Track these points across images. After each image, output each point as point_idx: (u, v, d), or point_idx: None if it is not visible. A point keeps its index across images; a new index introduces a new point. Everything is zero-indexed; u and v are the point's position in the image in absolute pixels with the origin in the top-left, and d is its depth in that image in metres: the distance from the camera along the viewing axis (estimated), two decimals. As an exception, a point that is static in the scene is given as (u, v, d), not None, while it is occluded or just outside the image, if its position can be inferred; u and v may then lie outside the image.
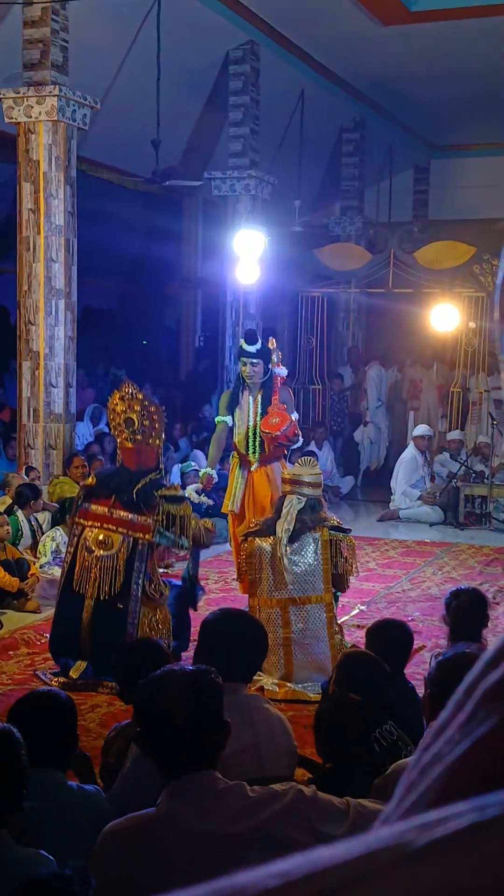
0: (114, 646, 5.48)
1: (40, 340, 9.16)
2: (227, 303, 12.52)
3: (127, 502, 5.67)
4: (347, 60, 12.68)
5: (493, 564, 9.17)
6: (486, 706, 0.39)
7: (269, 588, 5.65)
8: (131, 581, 5.61)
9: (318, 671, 5.56)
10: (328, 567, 5.64)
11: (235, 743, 2.75)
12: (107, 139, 11.56)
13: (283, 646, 5.62)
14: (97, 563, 5.63)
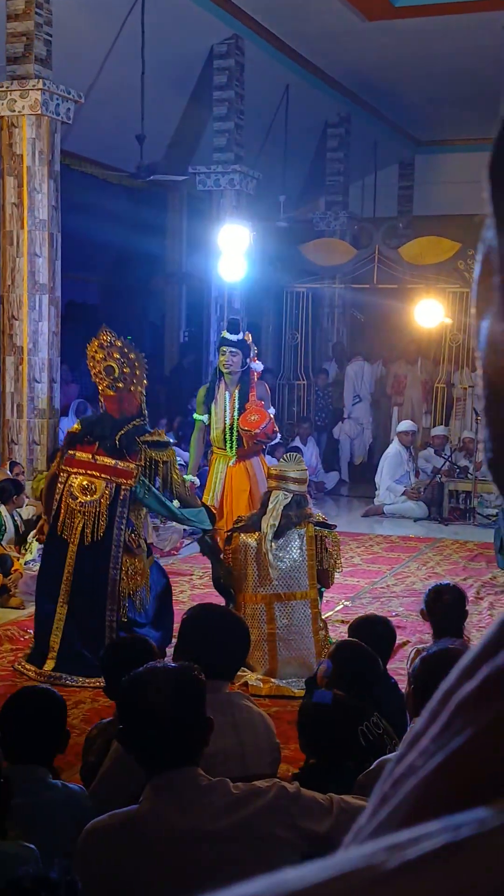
0: (95, 591, 5.58)
1: (24, 335, 9.12)
2: (212, 298, 12.50)
3: (110, 448, 5.68)
4: (332, 55, 12.67)
5: (477, 559, 9.20)
6: (461, 717, 0.38)
7: (253, 584, 5.65)
8: (114, 527, 5.63)
9: (302, 667, 5.57)
10: (313, 563, 5.65)
11: (218, 742, 2.75)
12: (91, 133, 11.52)
13: (268, 641, 5.62)
14: (81, 509, 5.65)
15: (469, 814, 0.34)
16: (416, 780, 0.38)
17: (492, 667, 0.37)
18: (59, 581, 5.66)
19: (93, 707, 5.29)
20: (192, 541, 9.52)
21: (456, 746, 0.37)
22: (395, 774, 0.39)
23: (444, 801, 0.36)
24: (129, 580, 5.69)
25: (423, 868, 0.33)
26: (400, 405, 13.75)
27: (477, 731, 0.37)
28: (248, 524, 5.76)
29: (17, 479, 8.55)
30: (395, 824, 0.37)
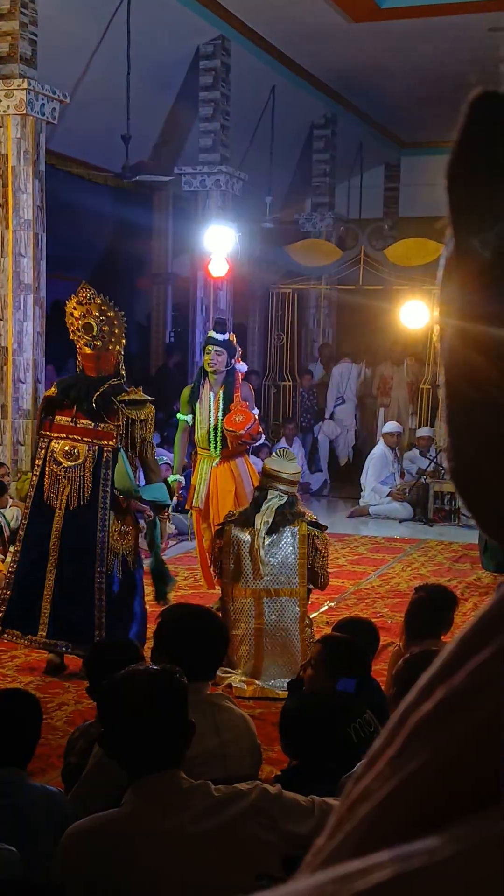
0: (83, 555, 5.55)
1: (8, 336, 9.09)
2: (198, 298, 12.49)
3: (88, 411, 5.63)
4: (318, 57, 12.68)
5: (462, 561, 9.22)
6: (416, 740, 0.37)
7: (244, 578, 5.65)
8: (99, 489, 5.59)
9: (286, 666, 5.57)
10: (304, 561, 5.65)
11: (199, 744, 2.74)
12: (76, 133, 11.49)
13: (255, 636, 5.62)
14: (66, 474, 5.62)
15: (420, 843, 0.33)
16: (370, 806, 0.37)
17: (447, 689, 0.37)
18: (46, 547, 5.62)
19: (76, 709, 5.28)
20: (177, 542, 9.51)
21: (409, 772, 0.36)
22: (351, 796, 0.39)
23: (397, 828, 0.35)
24: (121, 539, 5.68)
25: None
26: (386, 406, 13.77)
27: (430, 757, 0.36)
28: (241, 519, 5.74)
29: (2, 479, 8.52)
30: (348, 851, 0.36)
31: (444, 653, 0.38)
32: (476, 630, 0.38)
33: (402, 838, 0.34)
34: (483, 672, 0.36)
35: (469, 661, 0.36)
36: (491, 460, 0.39)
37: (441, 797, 0.35)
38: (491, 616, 0.38)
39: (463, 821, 0.34)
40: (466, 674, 0.36)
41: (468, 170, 0.39)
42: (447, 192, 0.40)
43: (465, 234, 0.40)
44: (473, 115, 0.39)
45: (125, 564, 5.71)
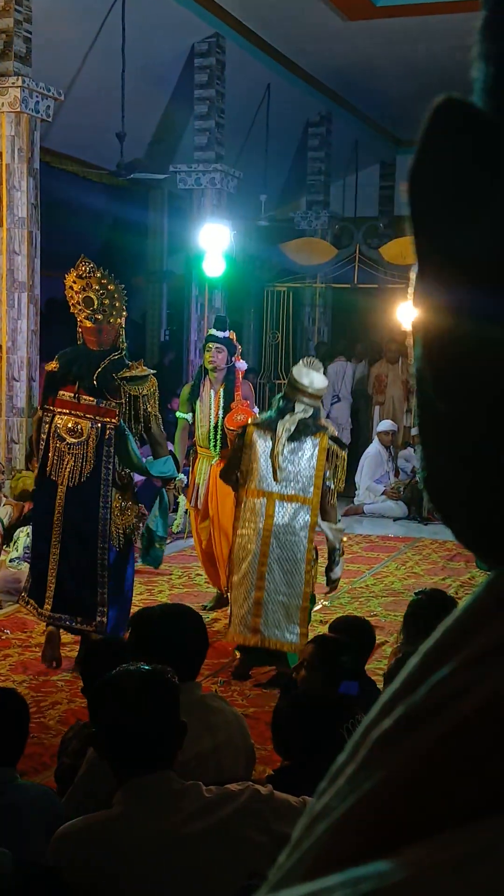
0: (86, 531, 5.61)
1: (2, 334, 9.07)
2: (193, 297, 12.48)
3: (90, 388, 5.65)
4: (313, 55, 12.67)
5: (456, 559, 9.22)
6: (375, 757, 0.36)
7: (258, 479, 5.63)
8: (101, 466, 5.63)
9: (290, 595, 5.55)
10: (321, 474, 5.63)
11: (192, 745, 2.72)
12: (71, 131, 11.46)
13: (263, 537, 5.58)
14: (70, 451, 5.65)
15: (370, 867, 0.32)
16: (326, 825, 0.36)
17: (407, 705, 0.36)
18: (51, 523, 5.68)
19: (69, 707, 5.27)
20: (172, 540, 9.50)
21: (364, 792, 0.35)
22: (313, 812, 0.38)
23: (351, 850, 0.34)
24: (122, 515, 5.72)
25: None
26: (381, 404, 13.77)
27: (385, 777, 0.35)
28: (264, 423, 5.69)
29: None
30: (300, 873, 0.36)
31: (408, 666, 0.38)
32: (438, 644, 0.37)
33: (355, 861, 0.33)
34: (441, 689, 0.35)
35: (430, 676, 0.36)
36: (460, 471, 0.39)
37: (395, 819, 0.34)
38: (453, 630, 0.37)
39: (416, 844, 0.33)
40: (426, 690, 0.36)
41: (434, 177, 0.39)
42: (410, 199, 0.39)
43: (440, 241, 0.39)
44: (436, 124, 0.39)
45: (125, 540, 5.78)
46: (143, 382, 5.74)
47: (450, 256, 0.38)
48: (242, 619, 5.62)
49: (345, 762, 0.38)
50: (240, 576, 5.67)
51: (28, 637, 6.49)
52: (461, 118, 0.38)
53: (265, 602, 5.60)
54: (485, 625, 0.36)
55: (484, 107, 0.39)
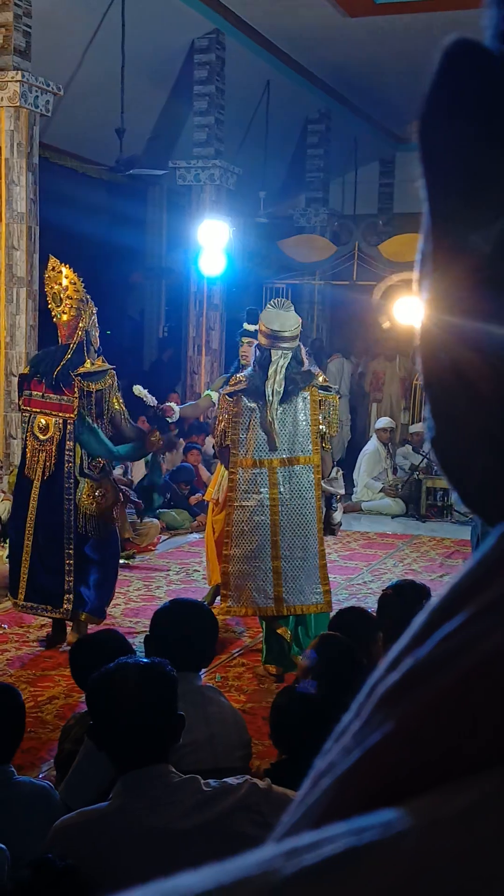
0: (52, 523, 5.87)
1: (1, 329, 9.07)
2: (192, 293, 12.47)
3: (52, 385, 5.90)
4: (313, 51, 12.66)
5: (454, 556, 9.22)
6: (381, 712, 0.36)
7: (255, 449, 5.54)
8: (63, 462, 5.88)
9: (305, 559, 5.52)
10: (316, 427, 5.54)
11: (189, 735, 2.74)
12: (70, 126, 11.45)
13: (271, 507, 5.50)
14: (41, 447, 5.92)
15: (375, 816, 0.32)
16: (331, 780, 0.36)
17: (414, 659, 0.36)
18: (25, 517, 5.95)
19: (66, 703, 5.27)
20: (169, 536, 9.50)
21: (370, 744, 0.35)
22: (317, 771, 0.38)
23: (356, 802, 0.34)
24: (96, 503, 5.90)
25: (319, 875, 0.31)
26: (379, 402, 13.77)
27: (392, 729, 0.35)
28: (250, 388, 5.53)
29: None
30: (306, 825, 0.35)
31: (414, 624, 0.37)
32: (446, 600, 0.37)
33: (360, 812, 0.33)
34: (450, 641, 0.35)
35: (437, 630, 0.35)
36: (473, 440, 0.39)
37: (402, 771, 0.34)
38: (462, 584, 0.36)
39: (421, 795, 0.33)
40: (434, 643, 0.35)
41: (445, 126, 0.38)
42: (420, 149, 0.39)
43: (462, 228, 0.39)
44: (447, 67, 0.38)
45: (103, 528, 5.97)
46: (101, 378, 5.90)
47: (487, 241, 0.37)
48: (261, 591, 5.54)
49: (350, 721, 0.37)
50: (248, 548, 5.56)
51: (26, 632, 6.49)
52: (474, 60, 0.37)
53: (284, 570, 5.54)
54: (495, 577, 0.35)
55: (497, 51, 0.38)
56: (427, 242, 0.40)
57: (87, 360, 5.92)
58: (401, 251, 12.61)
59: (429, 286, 0.40)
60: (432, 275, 0.40)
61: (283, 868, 0.31)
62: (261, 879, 0.31)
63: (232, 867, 0.32)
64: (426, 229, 0.39)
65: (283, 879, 0.31)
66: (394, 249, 12.71)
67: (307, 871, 0.31)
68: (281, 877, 0.31)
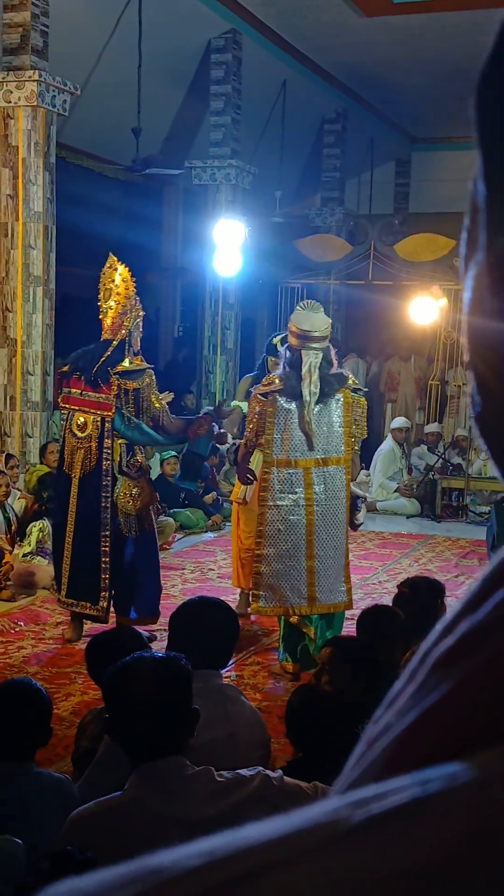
0: (91, 520, 5.91)
1: (18, 328, 9.10)
2: (207, 293, 12.49)
3: (90, 382, 5.93)
4: (330, 51, 12.66)
5: (469, 557, 9.20)
6: (437, 674, 0.37)
7: (290, 448, 5.56)
8: (101, 459, 5.91)
9: (335, 558, 5.59)
10: (349, 429, 5.62)
11: (209, 733, 2.76)
12: (87, 126, 11.49)
13: (306, 507, 5.54)
14: (79, 445, 5.96)
15: (440, 769, 0.33)
16: (390, 739, 0.37)
17: (470, 623, 0.37)
18: (66, 514, 6.00)
19: (82, 699, 5.29)
20: (184, 535, 9.52)
21: (430, 703, 0.36)
22: (370, 735, 0.39)
23: (417, 758, 0.35)
24: (133, 501, 5.95)
25: (388, 823, 0.32)
26: (394, 402, 13.75)
27: (451, 688, 0.36)
28: (287, 389, 5.54)
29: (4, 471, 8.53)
30: (365, 783, 0.36)
31: (468, 592, 0.38)
32: (500, 566, 0.38)
33: (423, 766, 0.34)
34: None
35: (492, 595, 0.36)
36: None
37: (462, 729, 0.35)
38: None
39: (485, 750, 0.34)
40: (490, 608, 0.36)
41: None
42: (476, 116, 0.39)
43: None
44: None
45: (141, 527, 6.01)
46: (139, 376, 5.93)
47: None
48: (295, 590, 5.56)
49: (402, 688, 0.38)
50: (283, 548, 5.57)
51: (41, 629, 6.51)
52: None
53: (317, 569, 5.59)
54: None
55: None
56: (477, 218, 0.40)
57: (126, 358, 5.94)
58: (417, 251, 12.59)
59: (476, 263, 0.40)
60: (482, 249, 0.40)
61: (353, 816, 0.32)
62: (331, 827, 0.32)
63: (300, 817, 0.33)
64: (479, 204, 0.40)
65: (352, 826, 0.32)
66: (409, 249, 12.68)
67: (376, 819, 0.32)
68: (350, 824, 0.32)
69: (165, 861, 0.33)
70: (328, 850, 0.31)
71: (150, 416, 5.92)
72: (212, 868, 0.32)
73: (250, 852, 0.32)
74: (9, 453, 9.01)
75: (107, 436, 5.89)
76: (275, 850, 0.32)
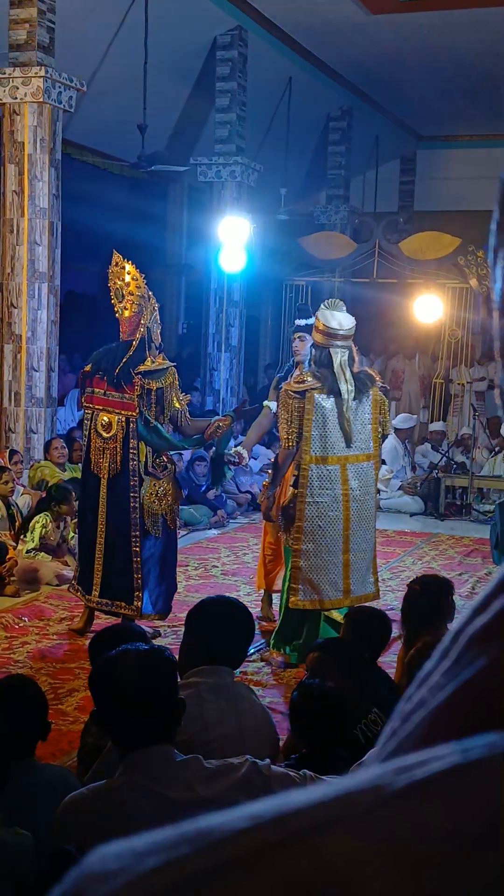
0: (121, 521, 5.90)
1: (23, 324, 9.11)
2: (212, 290, 12.49)
3: (114, 383, 5.88)
4: (335, 48, 12.65)
5: (473, 555, 9.21)
6: (473, 650, 0.38)
7: (329, 445, 5.64)
8: (128, 460, 5.87)
9: (367, 551, 5.79)
10: (377, 426, 5.74)
11: (220, 729, 2.79)
12: (92, 122, 11.49)
13: (343, 502, 5.65)
14: (105, 446, 5.93)
15: (480, 738, 0.34)
16: (427, 712, 0.38)
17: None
18: (97, 514, 5.96)
19: (87, 695, 5.29)
20: (188, 531, 9.53)
21: (467, 677, 0.37)
22: (404, 711, 0.39)
23: (456, 728, 0.36)
24: (160, 501, 5.94)
25: (430, 788, 0.33)
26: (397, 400, 13.76)
27: (489, 662, 0.37)
28: (325, 385, 5.61)
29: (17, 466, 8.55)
30: (404, 753, 0.37)
31: (500, 572, 0.39)
32: None
33: (462, 736, 0.35)
34: None
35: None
36: None
37: (498, 699, 0.36)
38: None
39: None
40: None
41: None
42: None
43: None
44: None
45: (164, 525, 6.01)
46: (162, 376, 5.88)
47: None
48: (333, 584, 5.69)
49: (434, 666, 0.39)
50: (321, 543, 5.67)
51: (45, 625, 6.53)
52: None
53: (352, 563, 5.73)
54: None
55: None
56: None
57: (148, 357, 5.89)
58: (421, 249, 12.58)
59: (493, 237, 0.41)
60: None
61: (395, 782, 0.33)
62: (375, 792, 0.33)
63: (344, 783, 0.34)
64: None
65: (395, 791, 0.33)
66: (414, 247, 12.67)
67: (418, 784, 0.33)
68: (394, 789, 0.33)
69: (214, 823, 0.34)
70: (372, 814, 0.32)
71: (169, 416, 5.91)
72: (261, 829, 0.33)
73: (297, 815, 0.33)
74: (13, 449, 9.02)
75: (132, 436, 5.85)
76: (321, 814, 0.33)
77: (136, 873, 0.33)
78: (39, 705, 3.03)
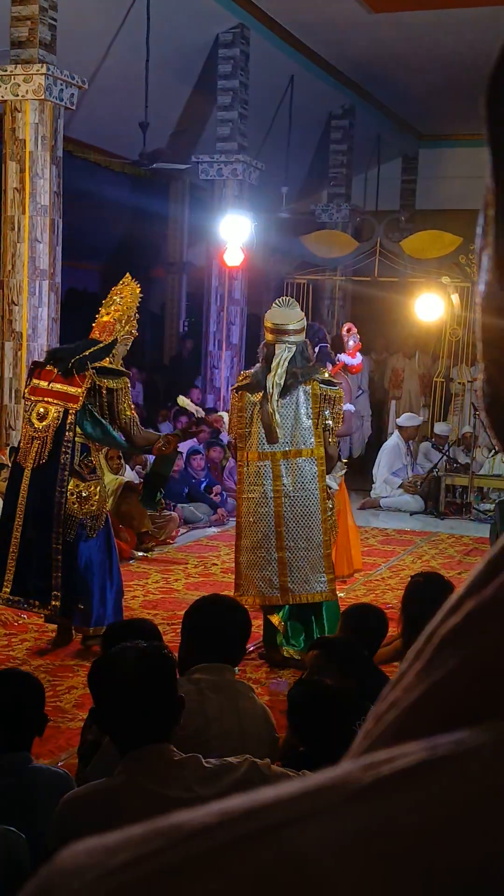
0: (42, 514, 5.67)
1: (23, 321, 9.11)
2: (213, 288, 12.49)
3: (64, 372, 5.76)
4: (337, 47, 12.64)
5: (472, 554, 9.21)
6: (445, 650, 0.38)
7: (258, 442, 5.64)
8: (59, 452, 5.70)
9: (309, 550, 5.61)
10: (318, 420, 5.62)
11: (221, 726, 2.80)
12: (94, 120, 11.49)
13: (275, 499, 5.61)
14: (35, 435, 5.75)
15: (447, 735, 0.35)
16: (397, 712, 0.38)
17: (477, 601, 0.38)
18: (15, 506, 5.77)
19: (85, 691, 5.29)
20: (188, 529, 9.53)
21: (436, 679, 0.37)
22: (377, 712, 0.40)
23: (424, 727, 0.37)
24: (81, 504, 5.72)
25: (397, 783, 0.33)
26: (398, 399, 13.75)
27: (459, 662, 0.37)
28: (253, 383, 5.64)
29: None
30: (379, 747, 0.38)
31: (473, 573, 0.39)
32: None
33: (432, 734, 0.36)
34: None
35: (498, 576, 0.37)
36: None
37: (469, 700, 0.37)
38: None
39: (492, 719, 0.35)
40: (496, 587, 0.37)
41: None
42: (487, 122, 0.40)
43: None
44: None
45: (84, 530, 5.73)
46: (115, 378, 5.78)
47: None
48: (267, 581, 5.66)
49: (408, 667, 0.39)
50: (254, 539, 5.69)
51: (44, 623, 6.52)
52: None
53: (289, 561, 5.65)
54: None
55: None
56: (490, 209, 0.41)
57: (108, 359, 5.83)
58: (423, 248, 12.58)
59: (492, 252, 0.41)
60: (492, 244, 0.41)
61: (363, 778, 0.34)
62: (343, 787, 0.34)
63: (313, 779, 0.35)
64: (491, 197, 0.41)
65: (363, 787, 0.34)
66: (416, 246, 12.67)
67: (385, 780, 0.34)
68: (361, 784, 0.34)
69: (185, 818, 0.34)
70: (339, 809, 0.33)
71: (121, 423, 5.77)
72: (230, 823, 0.34)
73: (266, 809, 0.34)
74: (13, 446, 9.02)
75: (68, 428, 5.67)
76: (288, 809, 0.34)
77: (107, 868, 0.33)
78: (36, 696, 3.03)
